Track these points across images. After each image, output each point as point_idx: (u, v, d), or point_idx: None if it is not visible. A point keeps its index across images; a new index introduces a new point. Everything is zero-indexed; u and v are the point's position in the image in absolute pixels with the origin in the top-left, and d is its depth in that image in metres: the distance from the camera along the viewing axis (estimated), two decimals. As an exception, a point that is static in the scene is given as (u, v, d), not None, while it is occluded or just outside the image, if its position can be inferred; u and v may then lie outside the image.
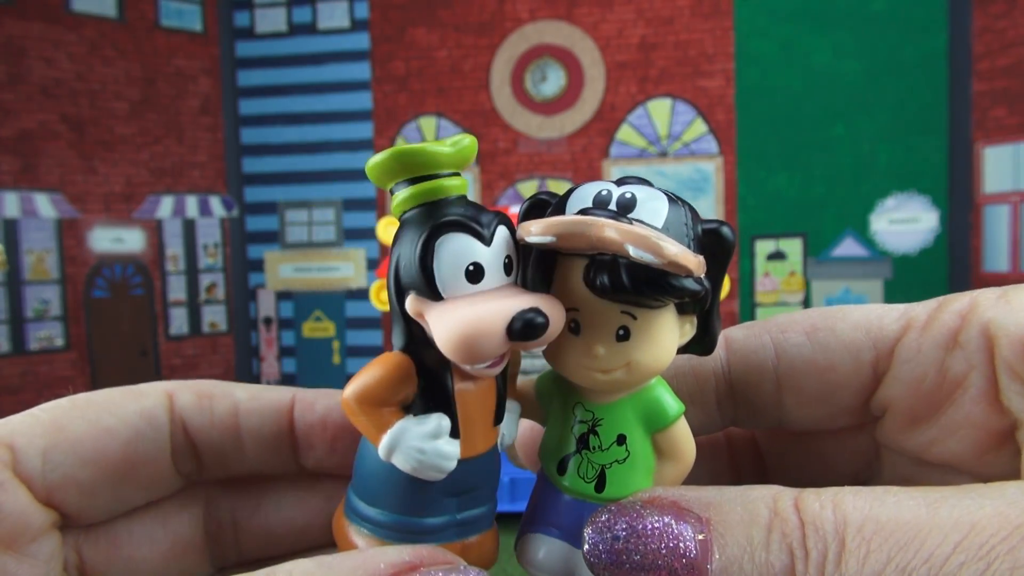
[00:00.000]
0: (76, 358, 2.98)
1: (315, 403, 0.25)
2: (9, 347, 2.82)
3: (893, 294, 2.95)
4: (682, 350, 0.21)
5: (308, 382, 3.38)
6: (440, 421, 0.20)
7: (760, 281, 3.05)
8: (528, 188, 3.12)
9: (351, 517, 0.22)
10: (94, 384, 3.03)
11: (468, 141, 0.21)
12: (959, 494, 0.16)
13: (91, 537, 0.23)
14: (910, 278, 2.93)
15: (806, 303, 3.04)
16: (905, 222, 2.92)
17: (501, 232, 0.21)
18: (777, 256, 3.02)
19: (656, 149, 3.04)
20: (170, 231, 3.17)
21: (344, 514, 0.22)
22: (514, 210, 1.92)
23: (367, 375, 0.21)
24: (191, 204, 3.21)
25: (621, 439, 0.21)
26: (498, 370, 0.21)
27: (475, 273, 0.20)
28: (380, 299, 1.92)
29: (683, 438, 0.21)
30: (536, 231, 0.20)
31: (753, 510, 0.17)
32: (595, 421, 0.22)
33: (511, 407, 0.23)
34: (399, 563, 0.19)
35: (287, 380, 3.43)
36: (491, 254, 0.20)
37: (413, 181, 0.20)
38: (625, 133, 3.05)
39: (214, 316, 3.34)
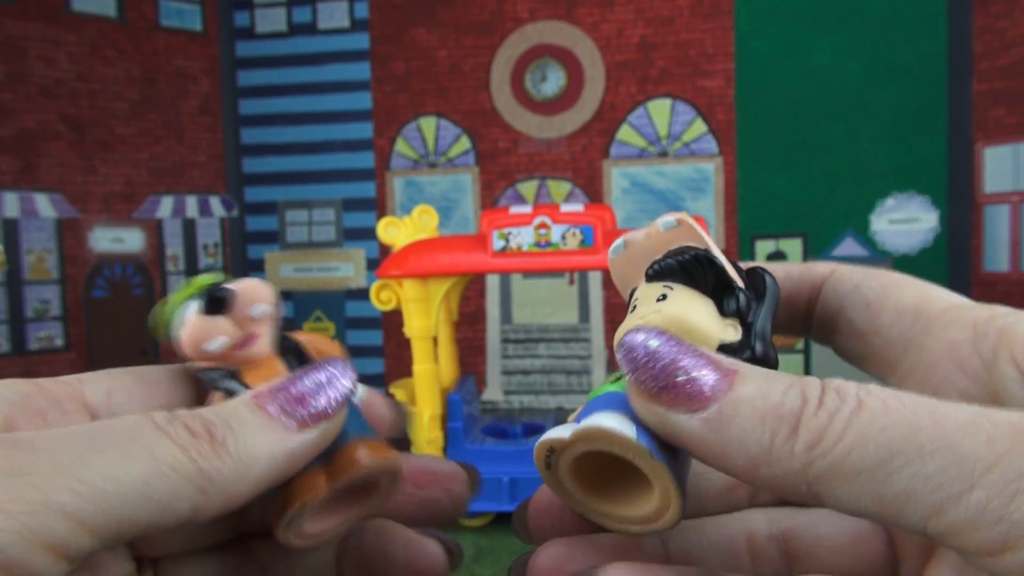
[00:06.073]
0: (76, 358, 2.98)
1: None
2: (9, 347, 2.82)
3: (893, 294, 2.95)
4: (725, 349, 0.22)
5: (308, 382, 3.38)
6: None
7: (760, 281, 3.05)
8: (528, 188, 3.12)
9: None
10: (94, 384, 3.03)
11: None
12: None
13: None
14: (910, 278, 2.94)
15: (806, 303, 3.04)
16: (905, 222, 2.92)
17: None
18: (777, 256, 3.02)
19: (656, 149, 3.04)
20: (170, 231, 3.17)
21: None
22: (514, 210, 1.92)
23: None
24: (191, 204, 3.21)
25: None
26: (246, 351, 0.22)
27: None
28: (380, 299, 1.92)
29: None
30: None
31: (776, 374, 0.17)
32: None
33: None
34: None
35: (287, 380, 3.42)
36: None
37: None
38: (625, 133, 3.05)
39: (214, 316, 3.34)
